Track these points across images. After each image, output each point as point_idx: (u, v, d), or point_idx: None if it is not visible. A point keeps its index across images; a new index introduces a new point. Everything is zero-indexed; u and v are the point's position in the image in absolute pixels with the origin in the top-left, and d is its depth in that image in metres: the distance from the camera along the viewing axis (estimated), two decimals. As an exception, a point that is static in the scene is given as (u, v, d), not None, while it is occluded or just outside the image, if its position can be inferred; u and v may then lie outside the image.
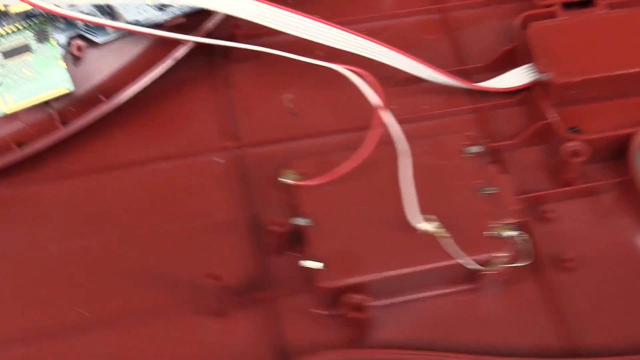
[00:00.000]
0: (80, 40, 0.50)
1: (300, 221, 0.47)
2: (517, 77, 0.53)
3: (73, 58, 0.50)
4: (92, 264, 0.48)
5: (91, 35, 0.50)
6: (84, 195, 0.51)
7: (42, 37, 0.49)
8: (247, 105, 0.54)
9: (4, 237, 0.49)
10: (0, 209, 0.50)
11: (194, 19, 0.52)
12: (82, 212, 0.50)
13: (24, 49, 0.49)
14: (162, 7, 0.51)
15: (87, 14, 0.49)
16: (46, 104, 0.50)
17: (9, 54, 0.49)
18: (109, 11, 0.50)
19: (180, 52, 0.51)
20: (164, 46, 0.52)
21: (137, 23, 0.49)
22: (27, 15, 0.49)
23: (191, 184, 0.51)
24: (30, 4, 0.46)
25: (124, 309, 0.47)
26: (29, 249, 0.49)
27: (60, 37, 0.50)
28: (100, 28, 0.50)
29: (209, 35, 0.53)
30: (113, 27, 0.50)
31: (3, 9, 0.48)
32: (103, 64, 0.51)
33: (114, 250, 0.49)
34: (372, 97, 0.49)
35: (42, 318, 0.47)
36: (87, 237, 0.49)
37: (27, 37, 0.49)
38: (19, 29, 0.49)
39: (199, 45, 0.52)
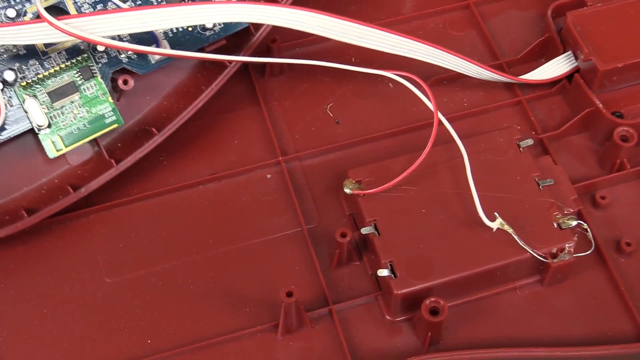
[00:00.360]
0: (125, 73, 0.49)
1: (366, 230, 0.47)
2: (557, 67, 0.53)
3: (119, 92, 0.50)
4: (154, 293, 0.48)
5: (134, 67, 0.50)
6: (138, 224, 0.50)
7: (87, 74, 0.49)
8: (290, 118, 0.54)
9: (60, 274, 0.49)
10: (54, 245, 0.49)
11: (234, 40, 0.52)
12: (137, 241, 0.50)
13: (70, 88, 0.48)
14: (203, 31, 0.50)
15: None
16: (94, 141, 0.50)
17: (56, 94, 0.48)
18: (151, 40, 0.49)
19: (224, 76, 0.51)
20: (206, 72, 0.52)
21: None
22: (69, 54, 0.49)
23: (245, 202, 0.51)
24: (78, 37, 0.46)
25: (198, 333, 0.47)
26: (86, 285, 0.48)
27: (105, 73, 0.49)
28: (142, 60, 0.50)
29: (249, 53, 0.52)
30: (161, 54, 0.49)
31: (43, 49, 0.48)
32: (148, 96, 0.51)
33: (175, 276, 0.48)
34: (424, 99, 0.49)
35: (115, 353, 0.46)
36: (145, 266, 0.49)
37: (71, 76, 0.49)
38: (62, 69, 0.48)
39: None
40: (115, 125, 0.49)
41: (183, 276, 0.48)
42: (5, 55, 0.48)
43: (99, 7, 0.49)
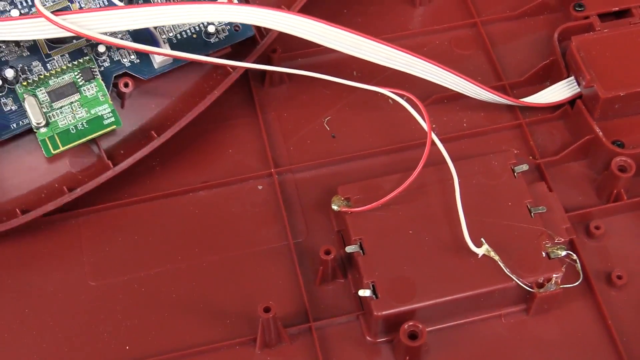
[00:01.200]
0: (127, 77, 0.49)
1: (351, 248, 0.47)
2: (559, 92, 0.52)
3: (119, 95, 0.50)
4: (136, 299, 0.48)
5: (137, 72, 0.50)
6: (126, 228, 0.50)
7: (88, 76, 0.49)
8: (286, 130, 0.53)
9: (45, 274, 0.49)
10: (41, 245, 0.49)
11: (238, 49, 0.52)
12: (123, 246, 0.50)
13: (70, 88, 0.48)
14: (207, 38, 0.50)
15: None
16: (93, 142, 0.50)
17: (55, 94, 0.48)
18: (152, 44, 0.50)
19: (227, 81, 0.51)
20: (209, 78, 0.51)
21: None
22: (72, 57, 0.49)
23: (234, 212, 0.50)
24: (81, 34, 0.46)
25: (177, 343, 0.46)
26: (70, 286, 0.48)
27: (107, 77, 0.49)
28: (145, 64, 0.50)
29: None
30: (162, 54, 0.49)
31: (46, 51, 0.48)
32: (151, 100, 0.51)
33: (158, 284, 0.48)
34: (419, 119, 0.49)
35: (93, 357, 0.46)
36: (130, 272, 0.49)
37: (72, 77, 0.49)
38: (64, 70, 0.49)
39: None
40: (113, 127, 0.49)
41: (166, 284, 0.48)
42: (9, 56, 0.48)
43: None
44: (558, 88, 0.52)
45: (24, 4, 0.48)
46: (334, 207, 0.48)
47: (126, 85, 0.49)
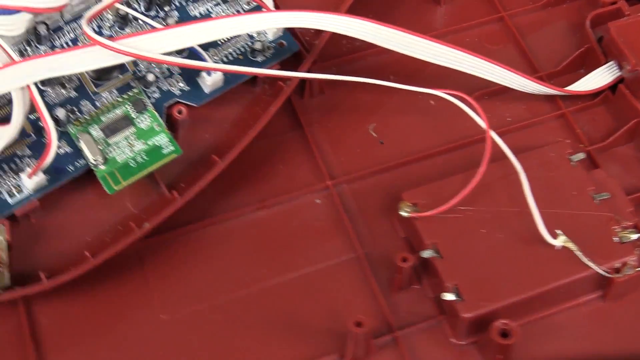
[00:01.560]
0: (180, 105, 0.48)
1: (427, 253, 0.47)
2: (600, 78, 0.53)
3: (173, 124, 0.49)
4: (212, 328, 0.47)
5: (188, 99, 0.49)
6: (189, 256, 0.49)
7: (140, 107, 0.47)
8: (333, 140, 0.53)
9: (115, 315, 0.47)
10: (106, 283, 0.48)
11: (286, 67, 0.51)
12: (189, 275, 0.48)
13: (124, 122, 0.47)
14: (254, 57, 0.50)
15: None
16: (150, 176, 0.48)
17: (110, 129, 0.47)
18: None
19: (281, 96, 0.50)
20: (260, 100, 0.51)
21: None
22: (120, 92, 0.48)
23: (296, 229, 0.50)
24: (132, 55, 0.45)
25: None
26: (141, 323, 0.47)
27: (159, 108, 0.48)
28: (196, 92, 0.49)
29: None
30: (213, 69, 0.48)
31: (93, 89, 0.47)
32: (203, 126, 0.50)
33: (231, 310, 0.47)
34: (476, 118, 0.49)
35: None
36: (200, 301, 0.48)
37: (124, 110, 0.47)
38: (114, 105, 0.47)
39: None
40: (174, 155, 0.48)
41: (240, 309, 0.47)
42: (56, 99, 0.47)
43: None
44: (598, 74, 0.53)
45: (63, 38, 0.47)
46: (403, 214, 0.48)
47: (180, 112, 0.48)
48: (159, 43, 0.46)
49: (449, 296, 0.45)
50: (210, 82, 0.49)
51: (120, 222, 0.48)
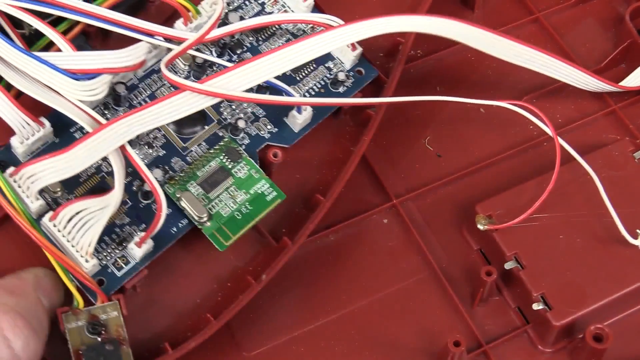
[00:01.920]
0: (273, 148, 0.47)
1: (509, 265, 0.47)
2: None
3: (267, 168, 0.47)
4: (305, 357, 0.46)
5: (279, 140, 0.48)
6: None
7: (235, 156, 0.46)
8: (390, 158, 0.52)
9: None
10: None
11: (368, 94, 0.51)
12: (265, 307, 0.47)
13: (222, 174, 0.46)
14: (335, 88, 0.49)
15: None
16: (255, 230, 0.47)
17: (209, 184, 0.45)
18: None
19: (371, 125, 0.49)
20: (347, 131, 0.51)
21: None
22: (209, 144, 0.47)
23: (368, 251, 0.49)
24: (223, 96, 0.44)
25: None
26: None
27: (251, 154, 0.47)
28: (286, 132, 0.48)
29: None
30: (301, 104, 0.47)
31: (181, 144, 0.46)
32: (295, 166, 0.49)
33: (315, 340, 0.47)
34: (542, 126, 0.49)
35: None
36: (282, 334, 0.47)
37: (219, 162, 0.46)
38: (208, 158, 0.46)
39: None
40: (278, 201, 0.46)
41: (325, 337, 0.47)
42: (146, 160, 0.46)
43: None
44: (648, 68, 0.53)
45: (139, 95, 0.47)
46: (480, 227, 0.48)
47: (275, 155, 0.47)
48: (246, 77, 0.44)
49: (538, 306, 0.45)
50: (301, 120, 0.47)
51: (229, 278, 0.47)
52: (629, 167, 0.49)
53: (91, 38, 0.48)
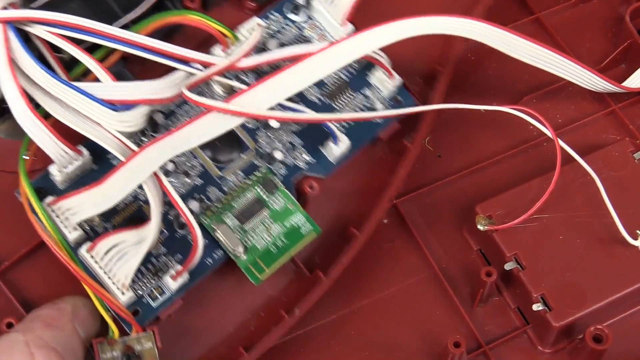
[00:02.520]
0: (309, 179, 0.47)
1: (509, 265, 0.47)
2: (651, 72, 0.53)
3: (303, 200, 0.47)
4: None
5: (316, 171, 0.47)
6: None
7: (271, 187, 0.46)
8: (390, 158, 0.52)
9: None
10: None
11: (406, 126, 0.50)
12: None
13: (257, 205, 0.45)
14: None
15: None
16: (290, 261, 0.47)
17: (245, 215, 0.45)
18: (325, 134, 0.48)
19: (408, 163, 0.49)
20: (380, 165, 0.50)
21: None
22: (245, 173, 0.46)
23: (368, 251, 0.49)
24: (251, 115, 0.44)
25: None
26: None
27: (287, 184, 0.46)
28: (322, 162, 0.47)
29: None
30: (339, 120, 0.47)
31: (218, 173, 0.46)
32: (332, 198, 0.49)
33: (320, 339, 0.47)
34: (543, 129, 0.49)
35: None
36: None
37: (255, 193, 0.46)
38: (244, 188, 0.45)
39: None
40: (313, 235, 0.46)
41: (325, 338, 0.47)
42: (182, 189, 0.45)
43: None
44: (649, 68, 0.53)
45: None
46: (480, 228, 0.47)
47: (311, 187, 0.46)
48: (273, 92, 0.44)
49: (537, 307, 0.45)
50: (337, 151, 0.47)
51: (262, 307, 0.47)
52: (629, 168, 0.49)
53: (130, 62, 0.47)
